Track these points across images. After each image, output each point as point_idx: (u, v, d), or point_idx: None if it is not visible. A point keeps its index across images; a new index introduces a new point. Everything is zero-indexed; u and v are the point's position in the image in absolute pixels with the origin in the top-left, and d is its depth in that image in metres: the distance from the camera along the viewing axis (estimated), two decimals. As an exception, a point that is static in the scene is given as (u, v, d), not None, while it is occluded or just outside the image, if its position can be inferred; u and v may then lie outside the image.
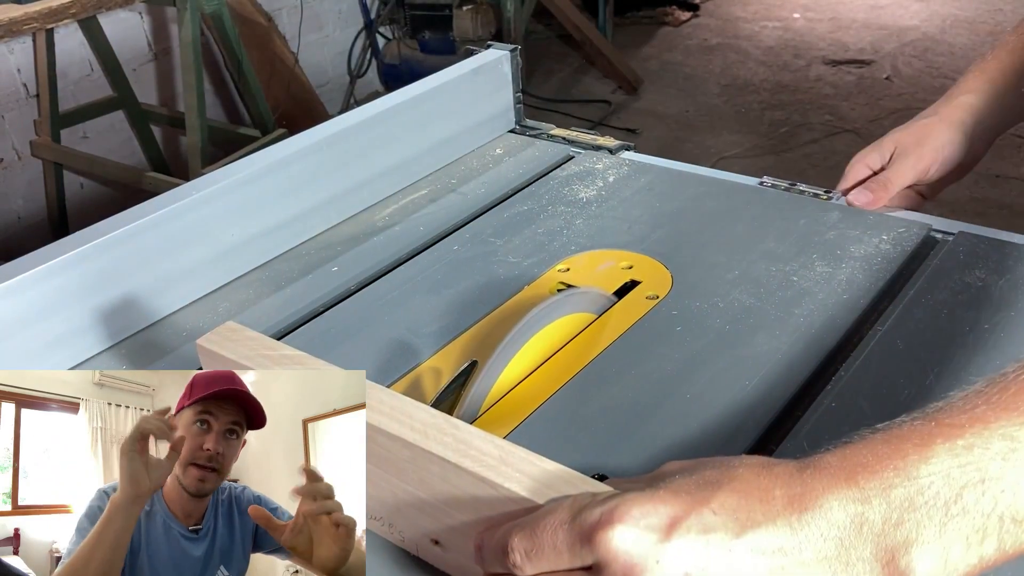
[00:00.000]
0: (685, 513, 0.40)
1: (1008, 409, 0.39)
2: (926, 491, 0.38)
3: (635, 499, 0.40)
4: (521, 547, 0.42)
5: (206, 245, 0.76)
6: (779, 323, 0.67)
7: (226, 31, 2.46)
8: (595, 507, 0.41)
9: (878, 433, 0.41)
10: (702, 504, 0.40)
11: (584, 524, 0.40)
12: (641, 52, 3.99)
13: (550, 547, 0.41)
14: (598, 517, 0.40)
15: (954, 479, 0.38)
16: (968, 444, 0.38)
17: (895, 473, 0.39)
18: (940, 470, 0.38)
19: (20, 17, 1.91)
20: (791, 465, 0.41)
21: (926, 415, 0.41)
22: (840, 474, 0.40)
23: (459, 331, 0.70)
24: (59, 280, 0.67)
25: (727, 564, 0.39)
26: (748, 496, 0.40)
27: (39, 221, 2.68)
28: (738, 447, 0.56)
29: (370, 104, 0.89)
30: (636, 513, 0.40)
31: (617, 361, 0.65)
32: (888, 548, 0.38)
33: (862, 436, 0.41)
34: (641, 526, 0.39)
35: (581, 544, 0.40)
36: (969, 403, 0.40)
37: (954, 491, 0.38)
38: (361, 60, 3.61)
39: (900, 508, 0.38)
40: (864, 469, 0.39)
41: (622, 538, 0.39)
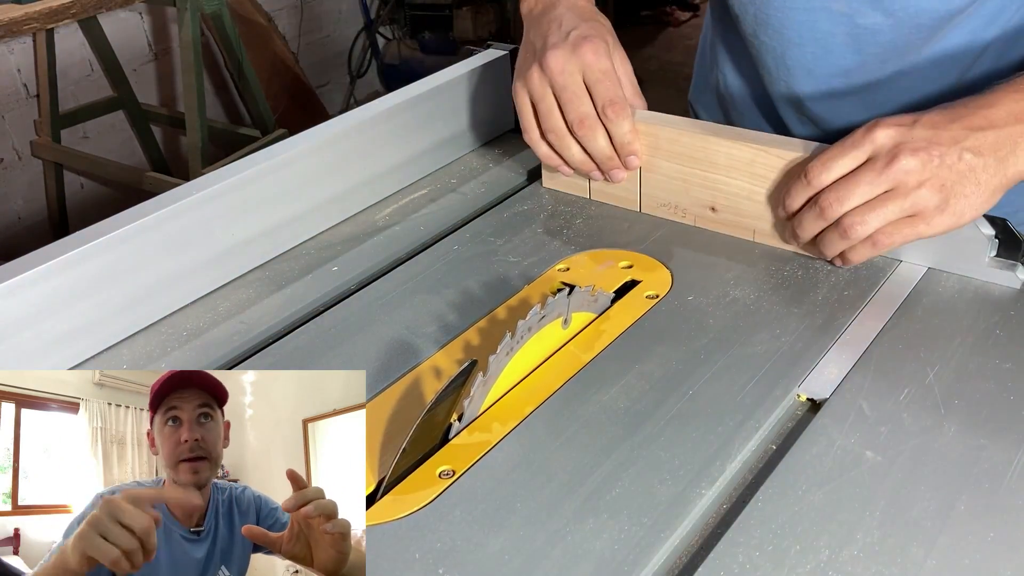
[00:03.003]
0: (922, 114, 0.66)
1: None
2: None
3: (887, 117, 0.67)
4: (818, 163, 0.67)
5: (206, 245, 0.76)
6: (779, 322, 0.67)
7: (226, 31, 2.47)
8: (856, 130, 0.67)
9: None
10: (930, 111, 0.66)
11: (856, 134, 0.66)
12: (641, 52, 3.99)
13: (839, 154, 0.66)
14: (865, 127, 0.66)
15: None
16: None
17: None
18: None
19: (20, 17, 1.91)
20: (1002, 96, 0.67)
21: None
22: (1010, 88, 0.67)
23: (459, 331, 0.70)
24: (59, 280, 0.67)
25: (951, 136, 0.64)
26: (952, 104, 0.67)
27: (39, 221, 2.68)
28: (738, 446, 0.57)
29: (370, 104, 0.89)
30: (890, 120, 0.66)
31: (617, 360, 0.65)
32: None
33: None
34: (895, 124, 0.65)
35: (857, 147, 0.66)
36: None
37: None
38: (361, 60, 3.61)
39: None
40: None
41: (886, 132, 0.65)
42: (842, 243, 0.67)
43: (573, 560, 0.50)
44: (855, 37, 0.83)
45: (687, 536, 0.52)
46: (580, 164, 0.80)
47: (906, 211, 0.65)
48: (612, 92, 0.76)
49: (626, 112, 0.76)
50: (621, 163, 0.79)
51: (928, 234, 0.65)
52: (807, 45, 0.86)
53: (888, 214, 0.65)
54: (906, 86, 0.85)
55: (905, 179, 0.64)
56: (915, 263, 0.72)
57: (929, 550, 0.49)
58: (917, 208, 0.64)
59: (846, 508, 0.52)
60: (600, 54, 0.76)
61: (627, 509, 0.53)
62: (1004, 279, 0.69)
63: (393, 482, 0.56)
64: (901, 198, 0.64)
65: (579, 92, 0.76)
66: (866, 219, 0.65)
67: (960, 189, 0.64)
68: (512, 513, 0.53)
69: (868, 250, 0.67)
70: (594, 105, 0.76)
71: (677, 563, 0.51)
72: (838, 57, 0.85)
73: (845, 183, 0.66)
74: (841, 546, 0.49)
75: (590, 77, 0.76)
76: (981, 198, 0.65)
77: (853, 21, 0.83)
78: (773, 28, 0.88)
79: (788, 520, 0.51)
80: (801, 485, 0.53)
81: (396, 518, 0.53)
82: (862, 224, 0.65)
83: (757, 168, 0.74)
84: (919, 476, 0.54)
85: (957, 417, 0.58)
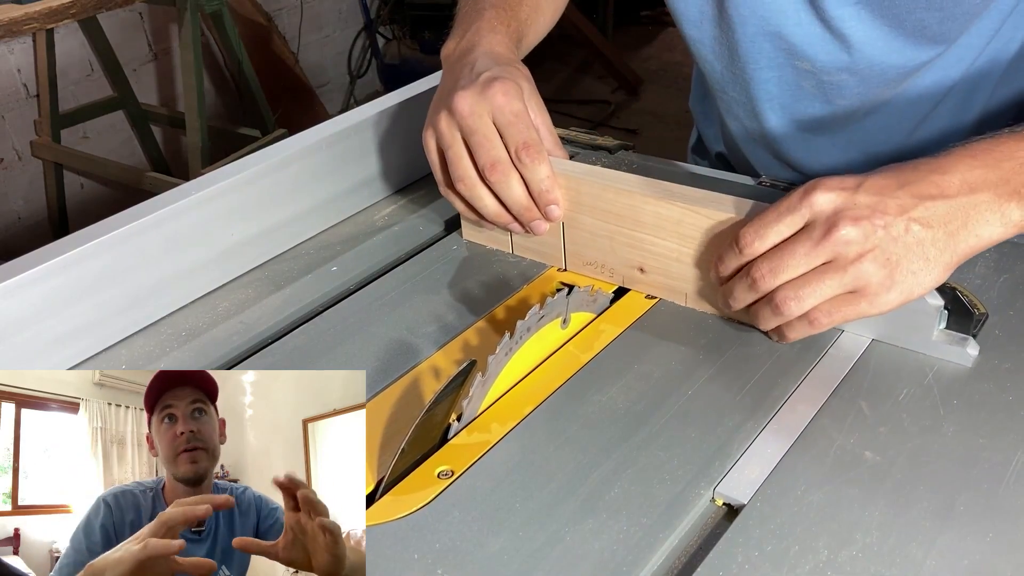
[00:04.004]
0: (866, 177, 0.59)
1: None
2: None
3: (828, 178, 0.59)
4: (750, 230, 0.60)
5: (206, 245, 0.76)
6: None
7: (226, 31, 2.47)
8: (796, 190, 0.59)
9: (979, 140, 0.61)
10: (876, 173, 0.59)
11: (792, 197, 0.59)
12: (641, 52, 3.99)
13: (774, 220, 0.59)
14: (803, 189, 0.59)
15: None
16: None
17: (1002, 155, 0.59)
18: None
19: (20, 17, 1.91)
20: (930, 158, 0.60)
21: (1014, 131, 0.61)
22: (965, 153, 0.60)
23: (458, 331, 0.70)
24: (59, 280, 0.67)
25: (898, 204, 0.57)
26: (901, 167, 0.60)
27: (39, 221, 2.68)
28: (738, 445, 0.57)
29: (370, 104, 0.89)
30: (831, 183, 0.59)
31: (616, 360, 0.65)
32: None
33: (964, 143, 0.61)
34: (837, 187, 0.58)
35: (793, 211, 0.59)
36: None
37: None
38: (361, 60, 3.61)
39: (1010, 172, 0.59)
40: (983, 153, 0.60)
41: (826, 196, 0.58)
42: (775, 319, 0.61)
43: (572, 560, 0.50)
44: (823, 90, 0.85)
45: (686, 536, 0.52)
46: (495, 216, 0.72)
47: (846, 286, 0.58)
48: (525, 135, 0.68)
49: (542, 156, 0.68)
50: (540, 213, 0.71)
51: (871, 313, 0.58)
52: (775, 99, 0.88)
53: (826, 290, 0.58)
54: (881, 126, 0.86)
55: (845, 250, 0.57)
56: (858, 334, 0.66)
57: (929, 550, 0.49)
58: (859, 284, 0.57)
59: (846, 508, 0.52)
60: (511, 95, 0.69)
61: (626, 509, 0.53)
62: (954, 355, 0.62)
63: (392, 482, 0.56)
64: (841, 272, 0.57)
65: (489, 135, 0.69)
66: (800, 295, 0.58)
67: (907, 264, 0.57)
68: (511, 513, 0.53)
69: (805, 328, 0.60)
70: (507, 150, 0.69)
71: (676, 563, 0.51)
72: (807, 106, 0.87)
73: (779, 253, 0.59)
74: (840, 546, 0.49)
75: (500, 120, 0.69)
76: (931, 276, 0.58)
77: (819, 78, 0.84)
78: (740, 86, 0.89)
79: (788, 520, 0.51)
80: (801, 485, 0.53)
81: (395, 518, 0.53)
82: (796, 301, 0.58)
83: (686, 228, 0.66)
84: (919, 476, 0.54)
85: (956, 417, 0.58)
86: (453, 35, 0.81)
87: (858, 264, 0.57)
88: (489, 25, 0.78)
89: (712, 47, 0.88)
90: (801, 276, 0.59)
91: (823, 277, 0.58)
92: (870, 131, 0.87)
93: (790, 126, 0.89)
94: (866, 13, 0.78)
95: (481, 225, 0.77)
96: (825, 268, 0.58)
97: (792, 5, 0.80)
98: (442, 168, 0.73)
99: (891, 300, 0.58)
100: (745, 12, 0.82)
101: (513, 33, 0.80)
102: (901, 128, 0.86)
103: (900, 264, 0.57)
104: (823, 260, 0.58)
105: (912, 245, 0.57)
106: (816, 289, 0.58)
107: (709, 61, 0.90)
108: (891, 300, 0.58)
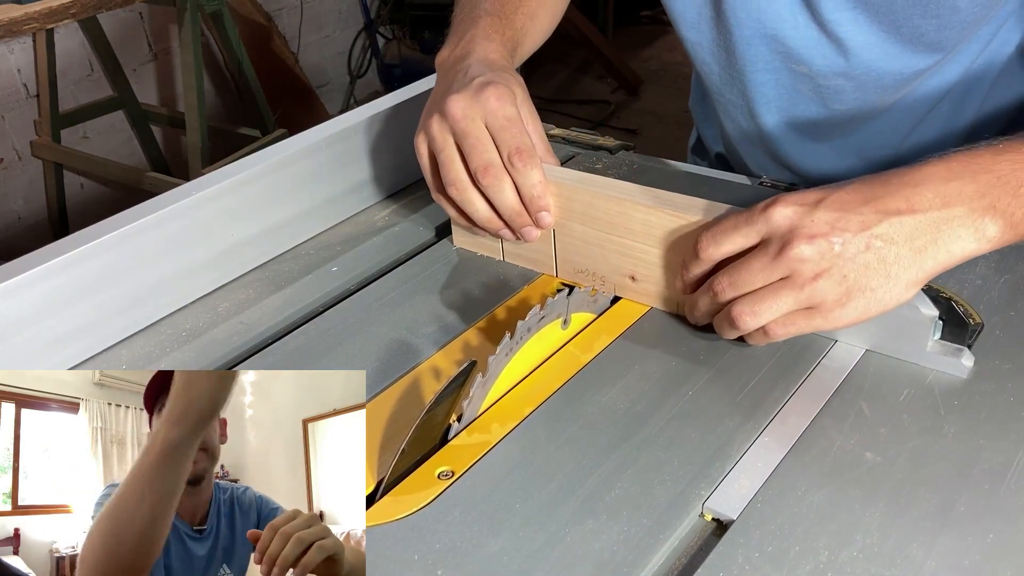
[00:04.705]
0: (831, 191, 0.58)
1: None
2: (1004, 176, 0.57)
3: (790, 193, 0.59)
4: (708, 235, 0.61)
5: (206, 245, 0.76)
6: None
7: (226, 31, 2.47)
8: (759, 203, 0.59)
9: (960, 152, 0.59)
10: (843, 187, 0.59)
11: (754, 209, 0.60)
12: (641, 52, 3.99)
13: (731, 228, 0.60)
14: (764, 203, 0.59)
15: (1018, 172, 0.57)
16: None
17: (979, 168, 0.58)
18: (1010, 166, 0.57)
19: (20, 17, 1.91)
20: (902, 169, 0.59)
21: (992, 144, 0.59)
22: (941, 165, 0.58)
23: (458, 331, 0.70)
24: (59, 280, 0.67)
25: (860, 221, 0.57)
26: (872, 180, 0.59)
27: (39, 221, 2.68)
28: (739, 445, 0.57)
29: (370, 104, 0.89)
30: (792, 198, 0.59)
31: (616, 361, 0.65)
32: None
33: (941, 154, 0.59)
34: (796, 202, 0.58)
35: (750, 224, 0.59)
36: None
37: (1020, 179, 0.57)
38: (361, 60, 3.61)
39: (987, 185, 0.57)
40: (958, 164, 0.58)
41: (783, 212, 0.58)
42: (733, 331, 0.61)
43: (572, 561, 0.50)
44: (820, 94, 0.85)
45: (687, 537, 0.52)
46: (486, 221, 0.71)
47: (802, 303, 0.58)
48: (518, 139, 0.68)
49: (535, 161, 0.68)
50: (532, 220, 0.71)
51: (827, 328, 0.59)
52: (772, 101, 0.88)
53: (781, 306, 0.58)
54: (877, 131, 0.87)
55: (800, 268, 0.57)
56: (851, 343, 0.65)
57: (929, 551, 0.49)
58: (814, 300, 0.58)
59: (846, 509, 0.52)
60: (504, 100, 0.69)
61: (626, 510, 0.53)
62: (949, 366, 0.61)
63: (392, 483, 0.56)
64: (797, 289, 0.58)
65: (482, 138, 0.68)
66: (756, 310, 0.59)
67: (864, 282, 0.57)
68: (511, 514, 0.53)
69: (762, 338, 0.61)
70: (500, 154, 0.69)
71: (676, 564, 0.51)
72: (804, 109, 0.88)
73: (738, 267, 0.60)
74: (841, 547, 0.49)
75: (493, 124, 0.69)
76: (892, 292, 0.57)
77: (816, 82, 0.84)
78: (737, 88, 0.89)
79: (788, 520, 0.51)
80: (801, 485, 0.53)
81: (395, 519, 0.53)
82: (752, 315, 0.59)
83: (675, 236, 0.66)
84: (919, 477, 0.54)
85: (957, 418, 0.58)
86: (448, 43, 0.80)
87: (814, 283, 0.57)
88: (484, 33, 0.78)
89: (710, 49, 0.89)
90: (758, 291, 0.59)
91: (779, 293, 0.58)
92: (866, 135, 0.87)
93: (786, 129, 0.90)
94: (863, 18, 0.78)
95: (472, 231, 0.76)
96: (782, 284, 0.58)
97: (789, 8, 0.80)
98: (434, 173, 0.73)
99: (847, 316, 0.58)
100: (742, 15, 0.82)
101: (508, 41, 0.79)
102: (897, 133, 0.86)
103: (857, 282, 0.57)
104: (779, 276, 0.58)
105: (872, 262, 0.57)
106: (772, 305, 0.59)
107: (706, 63, 0.90)
108: (847, 316, 0.58)
